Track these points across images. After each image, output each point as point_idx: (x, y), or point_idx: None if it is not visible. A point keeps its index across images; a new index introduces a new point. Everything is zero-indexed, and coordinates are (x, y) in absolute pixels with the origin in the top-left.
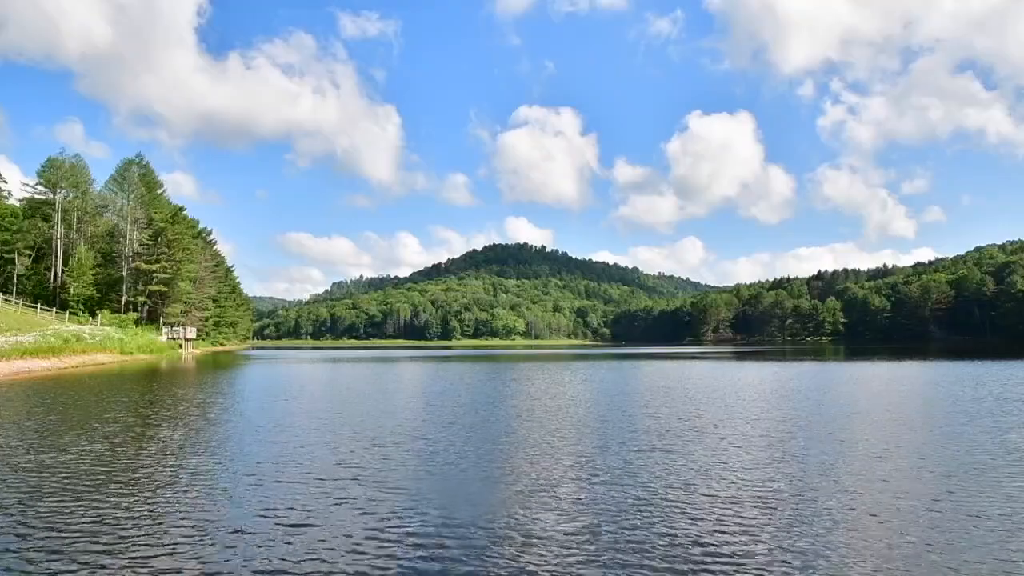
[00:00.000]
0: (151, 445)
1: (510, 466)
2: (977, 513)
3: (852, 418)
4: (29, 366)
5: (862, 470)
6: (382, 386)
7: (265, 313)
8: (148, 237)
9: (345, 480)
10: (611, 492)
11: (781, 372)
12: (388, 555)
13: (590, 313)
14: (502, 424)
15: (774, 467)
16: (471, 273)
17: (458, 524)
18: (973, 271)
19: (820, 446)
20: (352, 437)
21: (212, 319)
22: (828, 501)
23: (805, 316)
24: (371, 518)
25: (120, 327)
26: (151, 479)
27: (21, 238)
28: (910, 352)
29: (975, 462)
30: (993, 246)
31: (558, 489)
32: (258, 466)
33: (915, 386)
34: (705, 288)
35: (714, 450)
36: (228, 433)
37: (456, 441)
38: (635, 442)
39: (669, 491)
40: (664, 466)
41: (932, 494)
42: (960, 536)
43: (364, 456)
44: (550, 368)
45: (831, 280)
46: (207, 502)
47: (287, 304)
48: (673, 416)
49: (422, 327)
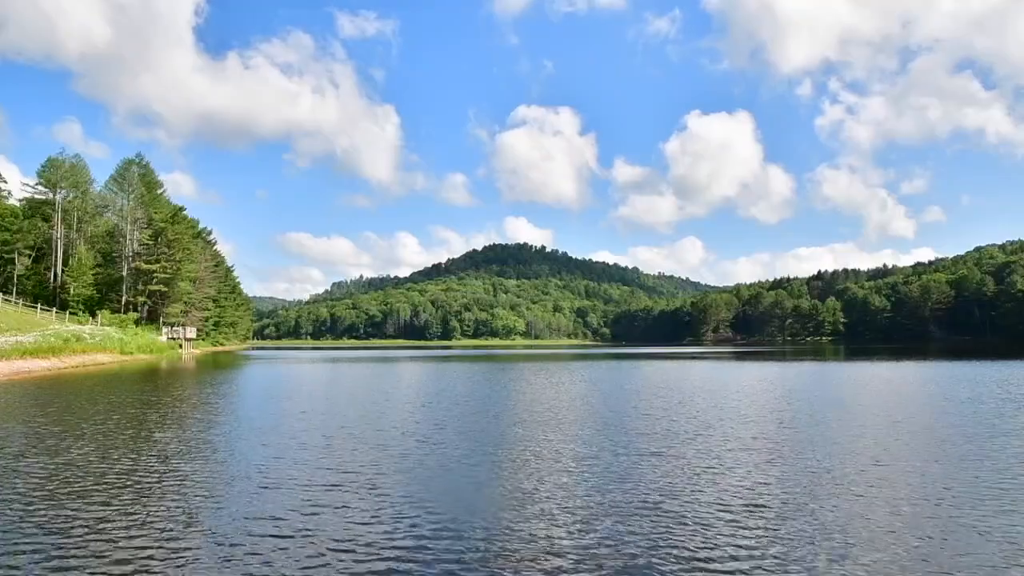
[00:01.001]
0: (149, 446)
1: (507, 467)
2: (977, 520)
3: (852, 419)
4: (29, 366)
5: (861, 473)
6: (381, 386)
7: (265, 313)
8: (148, 237)
9: (342, 482)
10: (609, 493)
11: (781, 373)
12: (381, 559)
13: (590, 313)
14: (501, 425)
15: (772, 469)
16: (471, 273)
17: (453, 528)
18: (973, 271)
19: (819, 449)
20: (351, 438)
21: (212, 319)
22: (826, 506)
23: (805, 316)
24: (368, 521)
25: (120, 327)
26: (149, 480)
27: (21, 238)
28: (910, 352)
29: (976, 464)
30: (993, 246)
31: (554, 492)
32: (256, 467)
33: (915, 386)
34: (705, 288)
35: (712, 453)
36: (227, 434)
37: (453, 442)
38: (634, 443)
39: (666, 493)
40: (661, 468)
41: (932, 498)
42: (960, 543)
43: (363, 458)
44: (549, 368)
45: (831, 280)
46: (204, 504)
47: (287, 304)
48: (670, 417)
49: (422, 327)
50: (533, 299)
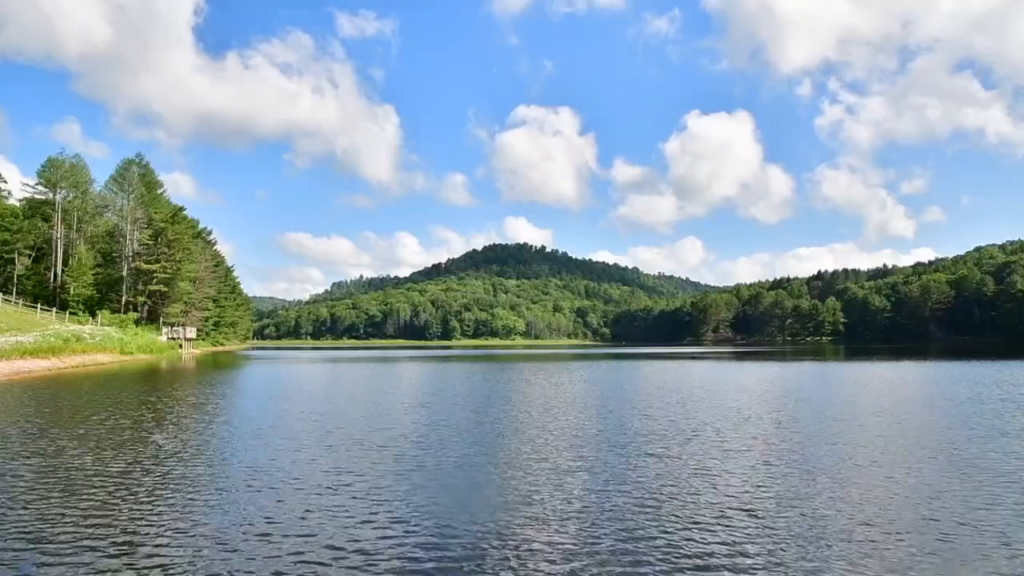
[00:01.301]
0: (148, 447)
1: (506, 467)
2: (977, 524)
3: (851, 420)
4: (29, 366)
5: (860, 476)
6: (381, 386)
7: (265, 313)
8: (148, 237)
9: (342, 482)
10: (607, 494)
11: (781, 373)
12: (375, 562)
13: (590, 313)
14: (500, 425)
15: (771, 471)
16: (471, 273)
17: (453, 527)
18: (973, 271)
19: (819, 451)
20: (350, 438)
21: (212, 319)
22: (824, 510)
23: (805, 316)
24: (364, 525)
25: (120, 327)
26: (148, 480)
27: (21, 238)
28: (910, 352)
29: (976, 467)
30: (993, 246)
31: (550, 494)
32: (256, 467)
33: (915, 387)
34: (705, 288)
35: (711, 454)
36: (226, 434)
37: (451, 443)
38: (632, 444)
39: (663, 496)
40: (658, 470)
41: (932, 501)
42: (960, 543)
43: (362, 458)
44: (549, 368)
45: (831, 280)
46: (204, 504)
47: (287, 304)
48: (668, 418)
49: (422, 327)
50: (533, 299)
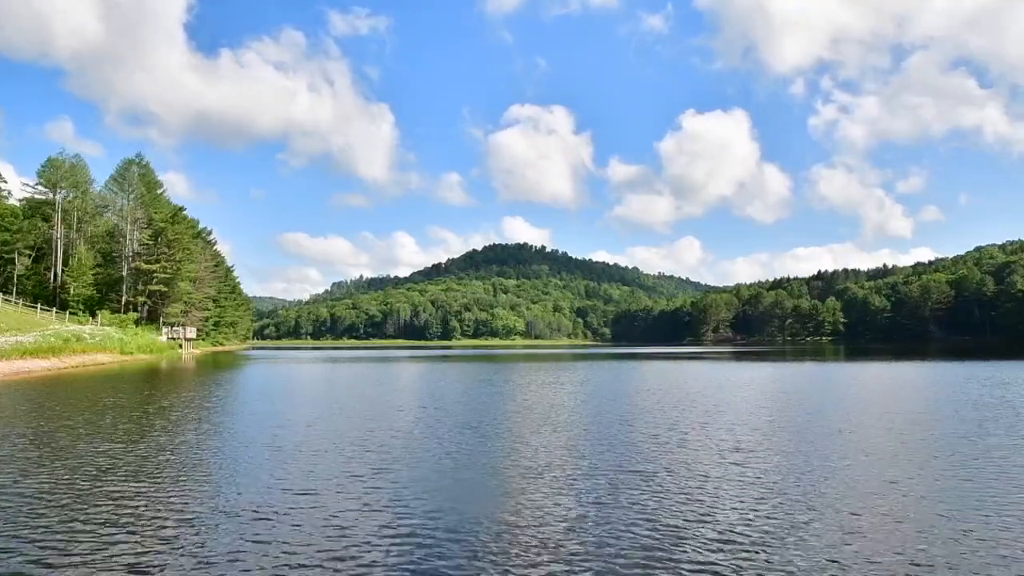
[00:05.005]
0: (147, 447)
1: (506, 467)
2: (976, 529)
3: (851, 420)
4: (29, 366)
5: (859, 478)
6: (380, 386)
7: (265, 313)
8: (148, 237)
9: (341, 483)
10: (608, 495)
11: (780, 373)
12: (380, 559)
13: (590, 313)
14: (499, 425)
15: (770, 472)
16: (471, 273)
17: (452, 528)
18: (973, 271)
19: (818, 451)
20: (349, 440)
21: (212, 319)
22: (824, 513)
23: (805, 316)
24: (363, 525)
25: (120, 327)
26: (148, 480)
27: (21, 238)
28: (910, 352)
29: (977, 469)
30: (993, 246)
31: (552, 492)
32: (255, 468)
33: (915, 387)
34: (704, 288)
35: (708, 454)
36: (225, 435)
37: (449, 444)
38: (630, 444)
39: (664, 494)
40: (656, 472)
41: (932, 504)
42: (960, 544)
43: (361, 459)
44: (548, 368)
45: (831, 280)
46: (204, 504)
47: (286, 304)
48: (666, 418)
49: (422, 327)
50: (533, 299)
